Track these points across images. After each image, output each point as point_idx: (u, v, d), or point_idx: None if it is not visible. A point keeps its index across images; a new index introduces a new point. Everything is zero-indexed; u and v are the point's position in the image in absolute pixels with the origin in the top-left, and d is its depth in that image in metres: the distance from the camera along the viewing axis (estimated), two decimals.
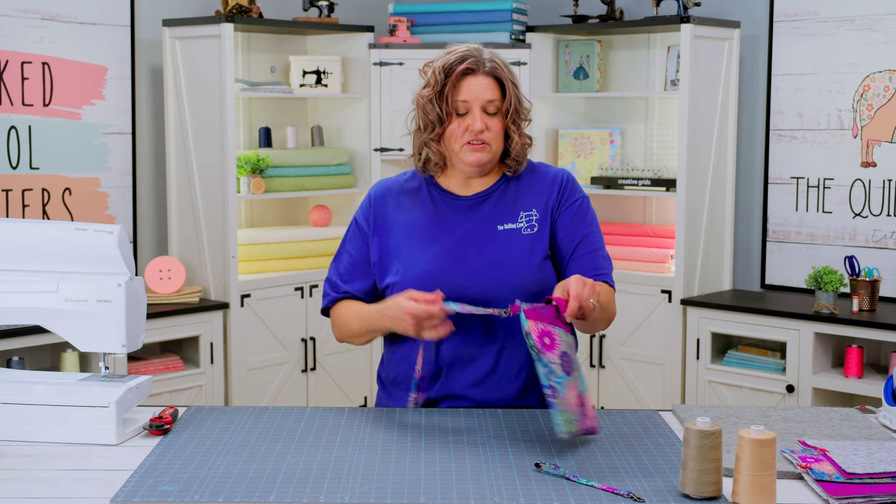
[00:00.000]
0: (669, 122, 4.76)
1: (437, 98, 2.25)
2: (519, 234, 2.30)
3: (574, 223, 2.33)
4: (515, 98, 2.27)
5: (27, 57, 4.07)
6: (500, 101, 2.26)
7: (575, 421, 1.98)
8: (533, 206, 2.33)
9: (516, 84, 2.29)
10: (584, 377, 2.05)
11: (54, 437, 2.08)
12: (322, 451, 2.02)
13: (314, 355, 4.64)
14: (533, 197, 2.34)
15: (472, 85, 2.24)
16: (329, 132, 4.92)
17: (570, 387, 1.98)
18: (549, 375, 1.98)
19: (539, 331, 1.98)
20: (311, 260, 4.68)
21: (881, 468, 1.83)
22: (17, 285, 2.16)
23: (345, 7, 4.96)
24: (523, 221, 2.31)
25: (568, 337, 2.03)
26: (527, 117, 2.32)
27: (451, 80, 2.23)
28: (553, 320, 2.01)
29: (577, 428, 1.98)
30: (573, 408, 1.97)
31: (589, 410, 2.01)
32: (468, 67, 2.24)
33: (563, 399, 1.96)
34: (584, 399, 2.00)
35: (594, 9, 4.96)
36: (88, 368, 3.90)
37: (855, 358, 4.02)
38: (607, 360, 4.68)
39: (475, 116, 2.23)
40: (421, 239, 2.30)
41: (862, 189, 4.35)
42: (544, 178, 2.36)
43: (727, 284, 4.67)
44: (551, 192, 2.34)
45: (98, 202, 4.31)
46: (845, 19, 4.35)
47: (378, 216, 2.35)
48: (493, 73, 2.25)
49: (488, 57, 2.27)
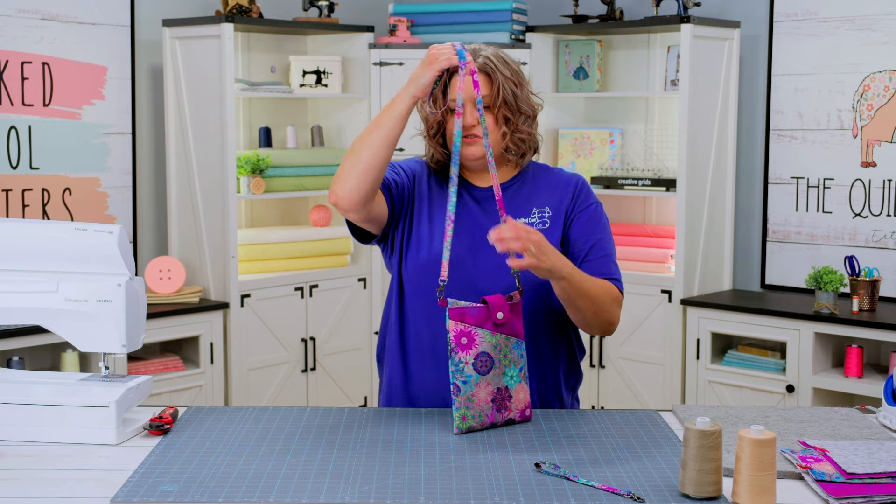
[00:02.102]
0: (669, 122, 4.76)
1: (431, 98, 2.29)
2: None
3: (587, 228, 2.35)
4: (508, 92, 2.28)
5: (27, 57, 4.07)
6: (490, 96, 2.28)
7: (473, 417, 2.13)
8: (546, 204, 2.35)
9: (514, 79, 2.30)
10: (520, 371, 2.18)
11: (54, 437, 2.08)
12: (322, 451, 2.02)
13: (314, 355, 4.64)
14: (547, 196, 2.36)
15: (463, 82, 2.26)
16: (329, 132, 4.92)
17: (481, 385, 2.12)
18: (455, 374, 2.11)
19: (458, 331, 2.11)
20: (311, 260, 4.68)
21: (881, 468, 1.83)
22: (17, 285, 2.16)
23: (345, 7, 4.96)
24: (535, 217, 2.34)
25: (493, 337, 2.14)
26: (527, 112, 2.33)
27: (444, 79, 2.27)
28: (479, 321, 2.13)
29: (476, 424, 2.13)
30: (477, 405, 2.12)
31: (515, 403, 2.17)
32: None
33: (465, 397, 2.10)
34: (507, 393, 2.16)
35: (594, 9, 4.96)
36: (88, 368, 3.90)
37: (855, 358, 4.02)
38: (607, 360, 4.68)
39: (465, 112, 2.26)
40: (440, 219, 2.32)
41: (862, 189, 4.35)
42: (559, 180, 2.39)
43: (727, 284, 4.67)
44: (565, 194, 2.36)
45: (98, 202, 4.31)
46: (845, 19, 4.35)
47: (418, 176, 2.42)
48: (483, 70, 2.28)
49: (483, 53, 2.30)
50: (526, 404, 2.20)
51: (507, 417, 2.17)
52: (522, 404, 2.19)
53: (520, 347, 2.18)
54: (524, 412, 2.20)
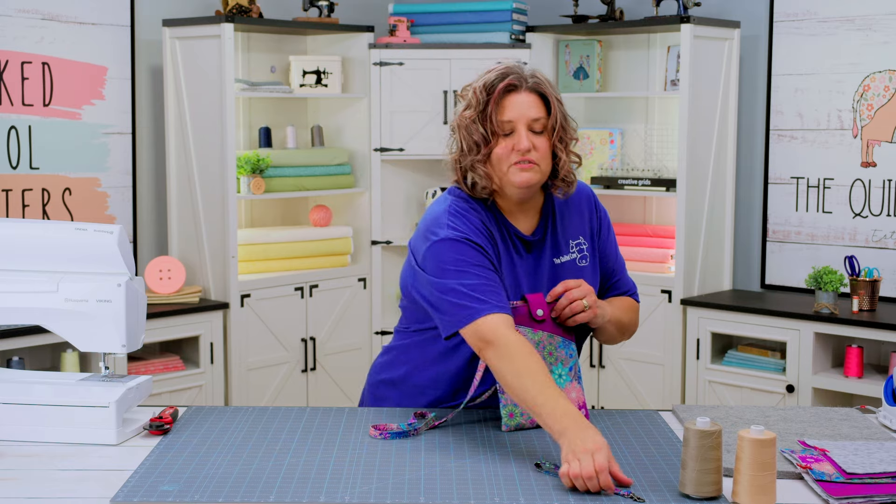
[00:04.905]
0: (669, 122, 4.76)
1: (479, 118, 2.13)
2: (574, 265, 2.27)
3: (612, 246, 2.37)
4: (561, 115, 2.16)
5: (27, 57, 4.07)
6: (545, 118, 2.14)
7: (521, 414, 2.12)
8: (579, 234, 2.29)
9: (561, 101, 2.18)
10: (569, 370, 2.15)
11: (54, 437, 2.08)
12: (322, 451, 2.02)
13: (314, 355, 4.64)
14: (577, 224, 2.29)
15: (515, 103, 2.13)
16: (329, 132, 4.92)
17: None
18: None
19: None
20: (311, 260, 4.68)
21: (881, 468, 1.83)
22: (17, 285, 2.16)
23: (345, 7, 4.96)
24: (575, 251, 2.28)
25: (535, 335, 2.12)
26: (574, 136, 2.21)
27: (494, 98, 2.12)
28: (521, 320, 2.12)
29: (525, 421, 2.12)
30: None
31: None
32: (511, 84, 2.13)
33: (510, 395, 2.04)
34: None
35: (594, 9, 4.96)
36: (88, 368, 3.90)
37: (855, 358, 4.02)
38: (607, 360, 4.68)
39: (521, 135, 2.12)
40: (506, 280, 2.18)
41: (862, 189, 4.35)
42: (579, 200, 2.31)
43: (727, 284, 4.67)
44: (591, 216, 2.33)
45: (98, 202, 4.31)
46: (845, 19, 4.35)
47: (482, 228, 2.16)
48: (537, 89, 2.15)
49: (530, 73, 2.16)
50: (580, 404, 2.14)
51: None
52: (576, 403, 2.13)
53: (568, 347, 2.17)
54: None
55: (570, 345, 2.17)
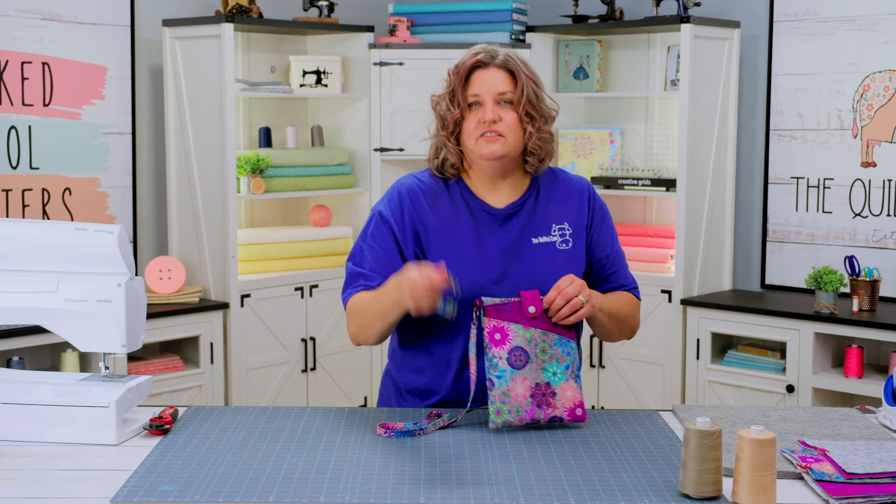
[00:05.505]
0: (669, 122, 4.76)
1: (450, 95, 2.24)
2: (554, 248, 2.29)
3: (607, 238, 2.37)
4: (531, 90, 2.23)
5: (27, 57, 4.07)
6: (512, 93, 2.22)
7: (509, 412, 2.10)
8: (564, 219, 2.31)
9: (534, 79, 2.25)
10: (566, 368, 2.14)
11: (54, 437, 2.08)
12: (322, 451, 2.02)
13: (314, 355, 4.64)
14: (564, 209, 2.32)
15: (483, 78, 2.22)
16: (329, 132, 4.92)
17: (517, 380, 2.11)
18: (490, 369, 2.11)
19: (491, 327, 2.11)
20: (311, 260, 4.68)
21: (881, 468, 1.83)
22: (17, 285, 2.16)
23: (345, 7, 4.96)
24: (556, 235, 2.29)
25: (527, 332, 2.13)
26: (547, 114, 2.27)
27: (461, 75, 2.23)
28: (514, 316, 2.13)
29: (512, 419, 2.10)
30: (514, 400, 2.10)
31: (561, 401, 2.12)
32: (479, 61, 2.22)
33: (500, 391, 2.09)
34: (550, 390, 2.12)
35: (594, 9, 4.96)
36: (88, 368, 3.90)
37: (855, 358, 4.02)
38: (607, 360, 4.68)
39: (486, 108, 2.21)
40: (460, 250, 2.25)
41: (862, 189, 4.35)
42: (570, 189, 2.35)
43: (727, 284, 4.67)
44: (581, 205, 2.34)
45: (98, 202, 4.31)
46: (845, 19, 4.35)
47: (412, 217, 2.28)
48: (506, 66, 2.22)
49: (503, 52, 2.25)
50: (576, 403, 2.13)
51: (552, 415, 2.12)
52: (571, 403, 2.13)
53: (566, 344, 2.15)
54: (574, 412, 2.14)
55: (568, 342, 2.16)
